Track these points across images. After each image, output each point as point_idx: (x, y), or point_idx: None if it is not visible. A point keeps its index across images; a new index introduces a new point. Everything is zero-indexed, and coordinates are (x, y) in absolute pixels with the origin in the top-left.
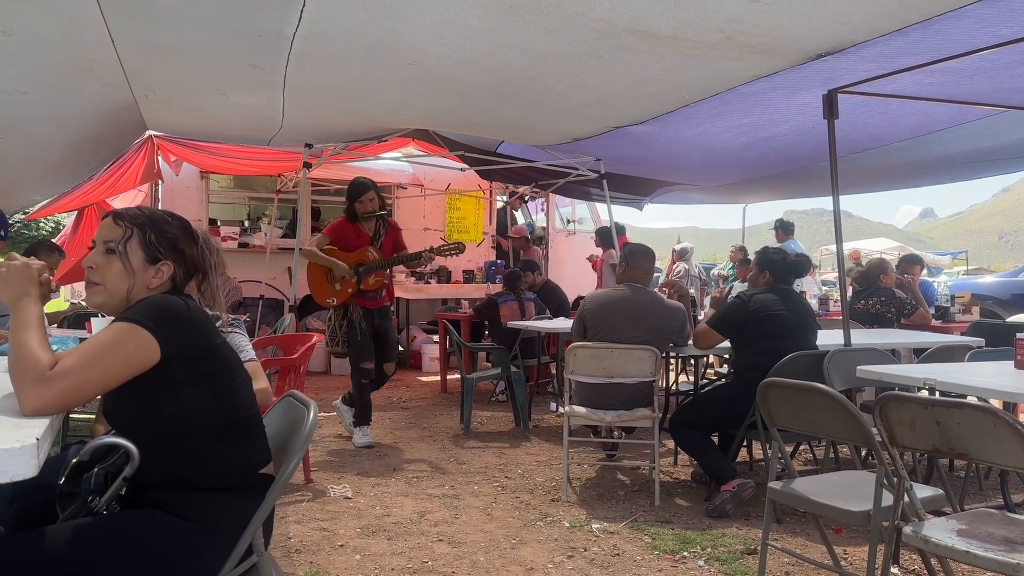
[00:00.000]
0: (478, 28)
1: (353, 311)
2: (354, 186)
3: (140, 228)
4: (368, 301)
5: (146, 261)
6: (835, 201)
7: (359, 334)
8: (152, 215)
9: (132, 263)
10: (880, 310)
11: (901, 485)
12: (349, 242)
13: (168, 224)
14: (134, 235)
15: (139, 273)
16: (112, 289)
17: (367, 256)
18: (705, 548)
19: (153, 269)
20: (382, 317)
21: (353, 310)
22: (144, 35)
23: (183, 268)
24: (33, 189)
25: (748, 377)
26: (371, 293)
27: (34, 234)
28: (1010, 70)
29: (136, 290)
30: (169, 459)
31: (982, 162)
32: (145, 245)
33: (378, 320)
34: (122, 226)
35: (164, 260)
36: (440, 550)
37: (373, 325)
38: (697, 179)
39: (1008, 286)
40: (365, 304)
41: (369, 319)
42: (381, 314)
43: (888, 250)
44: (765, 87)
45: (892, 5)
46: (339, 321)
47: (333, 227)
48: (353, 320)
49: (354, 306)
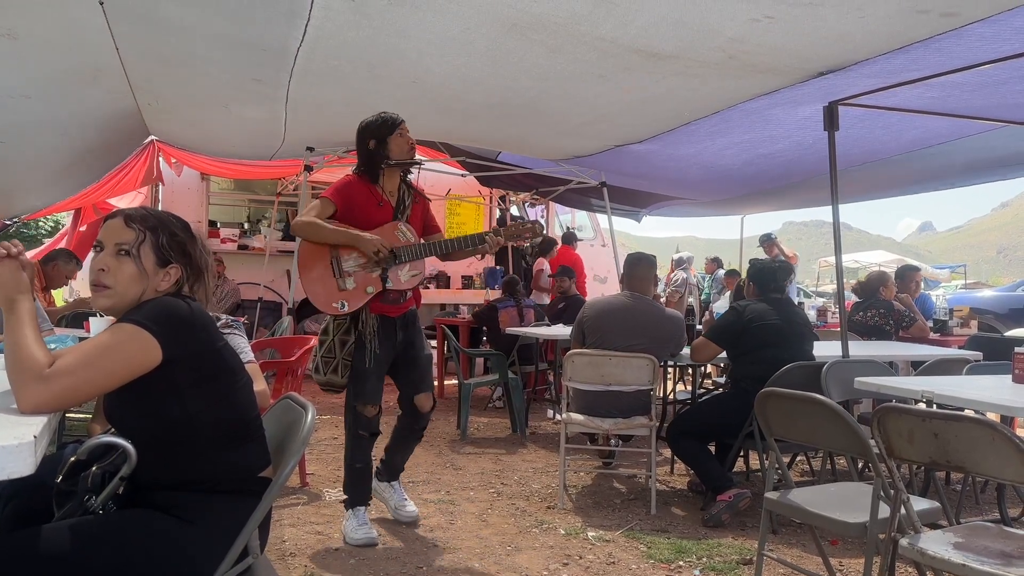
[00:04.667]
0: (482, 47)
1: (366, 321)
2: (380, 120)
3: (152, 231)
4: (388, 305)
5: (157, 264)
6: (835, 213)
7: (369, 359)
8: (160, 217)
9: (145, 266)
10: (878, 322)
11: (898, 497)
12: (364, 213)
13: (176, 227)
14: (147, 238)
15: (151, 276)
16: (123, 292)
17: (395, 236)
18: (701, 557)
19: (163, 272)
20: (407, 327)
21: (366, 320)
22: (149, 46)
23: (189, 271)
24: (34, 195)
25: (746, 387)
26: (393, 294)
27: (33, 233)
28: (1010, 86)
29: (147, 294)
30: (169, 460)
31: (982, 171)
32: (157, 248)
33: (402, 333)
34: (135, 229)
35: (173, 263)
36: (435, 556)
37: (394, 342)
38: (697, 194)
39: (1006, 300)
40: (384, 310)
41: (388, 333)
42: (406, 323)
43: (886, 263)
44: (766, 103)
45: (895, 25)
46: (341, 335)
47: (338, 188)
48: (364, 336)
49: (367, 313)
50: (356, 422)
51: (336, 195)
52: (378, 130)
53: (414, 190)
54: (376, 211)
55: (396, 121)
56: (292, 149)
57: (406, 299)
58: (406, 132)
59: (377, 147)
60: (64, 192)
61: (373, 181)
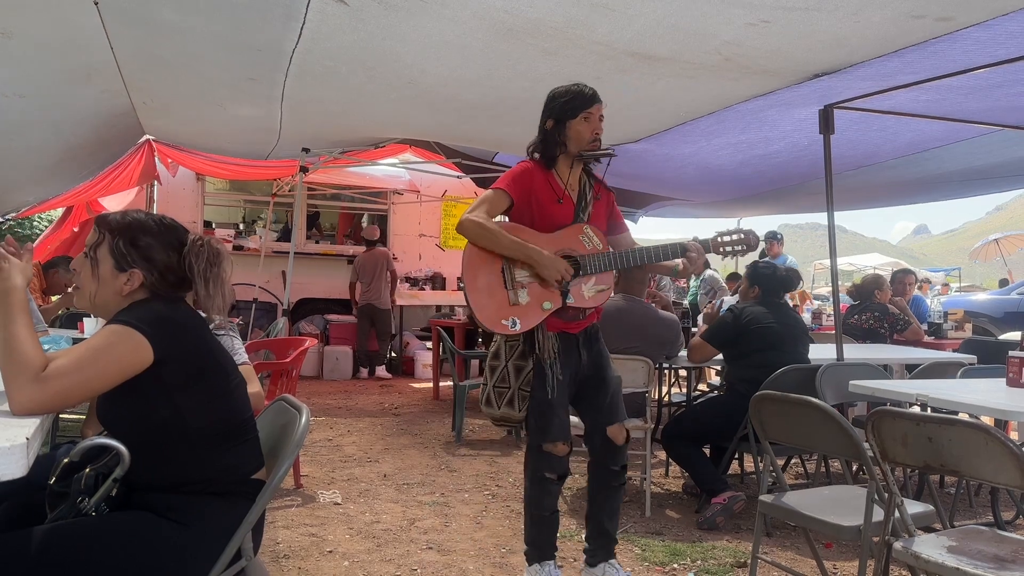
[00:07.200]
0: (477, 50)
1: (543, 343)
2: (568, 94)
3: (112, 234)
4: (568, 322)
5: (115, 268)
6: (830, 216)
7: (552, 388)
8: (131, 222)
9: (100, 270)
10: (873, 325)
11: (892, 500)
12: (542, 209)
13: (145, 232)
14: (104, 241)
15: (107, 280)
16: (84, 292)
17: (580, 242)
18: (695, 560)
19: (124, 276)
20: (590, 345)
21: (543, 340)
22: (144, 46)
23: (155, 276)
24: (26, 191)
25: (741, 389)
26: (572, 309)
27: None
28: (1005, 89)
29: (102, 296)
30: (161, 462)
31: (976, 180)
32: (113, 252)
33: (585, 352)
34: (97, 232)
35: (133, 268)
36: (429, 558)
37: (577, 364)
38: (693, 195)
39: (1001, 304)
40: (563, 327)
41: (569, 354)
42: (589, 340)
43: (881, 266)
44: (761, 105)
45: (889, 29)
46: (516, 360)
47: (515, 177)
48: (542, 360)
49: (543, 332)
50: (542, 463)
51: (512, 186)
52: (560, 109)
53: (596, 180)
54: (555, 208)
55: (585, 101)
56: (287, 149)
57: (586, 314)
58: (595, 115)
59: (555, 129)
60: (56, 189)
61: (549, 168)
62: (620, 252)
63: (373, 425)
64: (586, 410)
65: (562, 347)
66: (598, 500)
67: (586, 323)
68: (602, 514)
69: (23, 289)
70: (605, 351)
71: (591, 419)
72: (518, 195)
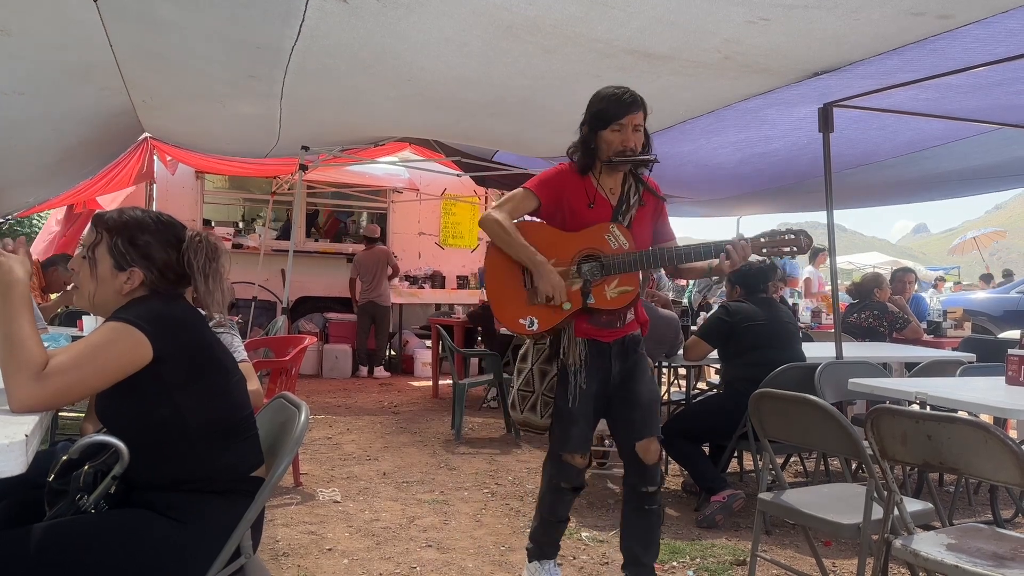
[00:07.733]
0: (477, 47)
1: (569, 348)
2: (605, 101)
3: (109, 233)
4: (600, 329)
5: (114, 268)
6: (829, 215)
7: (573, 397)
8: (128, 220)
9: (99, 269)
10: (872, 324)
11: (891, 498)
12: (573, 212)
13: (143, 230)
14: (103, 241)
15: (107, 279)
16: (85, 292)
17: (603, 240)
18: (694, 558)
19: (124, 275)
20: (625, 356)
21: (570, 346)
22: (143, 43)
23: (155, 274)
24: (26, 191)
25: (739, 388)
26: (605, 315)
27: (27, 231)
28: (1004, 87)
29: (101, 295)
30: (160, 459)
31: (975, 179)
32: (112, 251)
33: (618, 363)
34: (95, 231)
35: (132, 267)
36: (428, 556)
37: (607, 375)
38: (692, 193)
39: (1000, 302)
40: (593, 334)
41: (599, 364)
42: (624, 351)
43: (881, 264)
44: (761, 103)
45: (889, 27)
46: (541, 364)
47: (546, 179)
48: (566, 366)
49: (571, 336)
50: (559, 472)
51: (541, 187)
52: (593, 117)
53: (644, 186)
54: (587, 212)
55: (618, 112)
56: (287, 147)
57: (625, 322)
58: (627, 126)
59: (589, 136)
60: (56, 189)
61: (583, 173)
62: (646, 251)
63: (372, 423)
64: (617, 423)
65: (591, 355)
66: (630, 526)
67: (622, 332)
68: (634, 543)
69: (26, 283)
70: (644, 365)
71: (622, 436)
72: (547, 198)
